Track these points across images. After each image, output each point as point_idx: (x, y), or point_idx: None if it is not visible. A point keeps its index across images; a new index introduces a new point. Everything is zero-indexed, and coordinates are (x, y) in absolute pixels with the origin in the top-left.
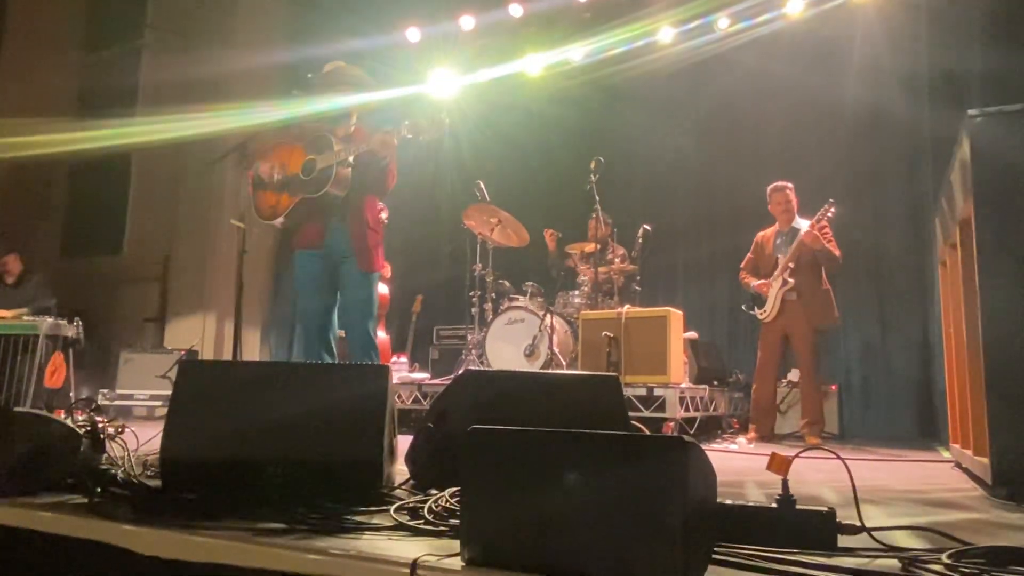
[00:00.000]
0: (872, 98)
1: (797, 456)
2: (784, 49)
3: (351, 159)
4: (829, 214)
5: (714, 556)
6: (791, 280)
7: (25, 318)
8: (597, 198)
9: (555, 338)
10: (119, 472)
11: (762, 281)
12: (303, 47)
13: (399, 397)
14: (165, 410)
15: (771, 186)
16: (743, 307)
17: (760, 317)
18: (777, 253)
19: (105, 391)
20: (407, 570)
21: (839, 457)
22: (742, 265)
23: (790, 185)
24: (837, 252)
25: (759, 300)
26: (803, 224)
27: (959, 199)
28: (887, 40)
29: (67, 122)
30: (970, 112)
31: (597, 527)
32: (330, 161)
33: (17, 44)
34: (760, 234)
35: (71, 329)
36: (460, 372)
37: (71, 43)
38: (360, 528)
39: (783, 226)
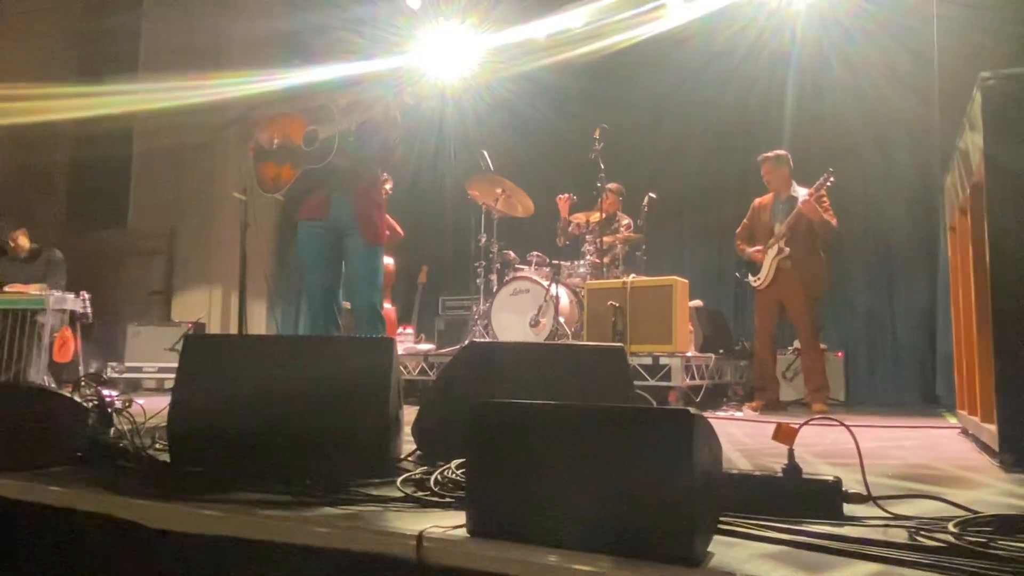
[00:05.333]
0: (880, 62)
1: (803, 426)
2: (793, 14)
3: (353, 128)
4: (828, 183)
5: (720, 526)
6: (787, 248)
7: (33, 292)
8: (602, 166)
9: (560, 308)
10: (127, 445)
11: (757, 248)
12: (304, 13)
13: (405, 368)
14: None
15: (760, 156)
16: (737, 274)
17: (754, 284)
18: (774, 220)
19: (114, 364)
20: (413, 542)
21: (844, 426)
22: (737, 231)
23: (778, 154)
24: (834, 221)
25: (753, 267)
26: (801, 192)
27: (970, 164)
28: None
29: (67, 88)
30: (982, 74)
31: (602, 499)
32: (332, 131)
33: (16, 9)
34: (757, 200)
35: (78, 303)
36: (465, 343)
37: (70, 8)
38: (366, 500)
39: (781, 194)
